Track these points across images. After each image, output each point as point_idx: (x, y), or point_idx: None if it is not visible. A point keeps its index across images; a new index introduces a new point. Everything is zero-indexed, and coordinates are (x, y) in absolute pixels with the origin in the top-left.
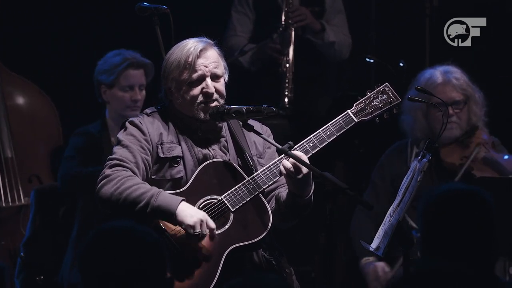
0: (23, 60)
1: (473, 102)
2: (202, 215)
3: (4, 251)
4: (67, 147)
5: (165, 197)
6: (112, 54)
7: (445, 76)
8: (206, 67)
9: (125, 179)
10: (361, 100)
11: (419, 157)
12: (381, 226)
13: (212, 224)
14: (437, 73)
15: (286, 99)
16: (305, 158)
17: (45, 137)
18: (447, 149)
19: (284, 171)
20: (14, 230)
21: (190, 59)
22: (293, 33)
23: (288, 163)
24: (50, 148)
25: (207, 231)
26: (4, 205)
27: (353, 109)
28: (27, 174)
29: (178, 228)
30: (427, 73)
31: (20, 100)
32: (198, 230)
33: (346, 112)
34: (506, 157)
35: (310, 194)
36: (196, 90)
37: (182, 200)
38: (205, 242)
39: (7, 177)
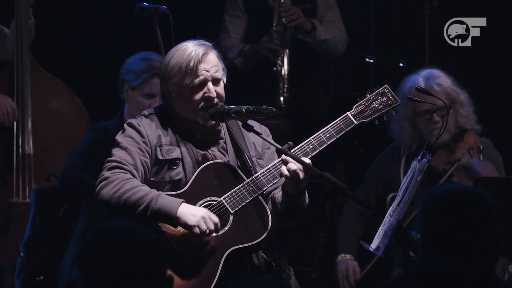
0: (59, 61)
1: (458, 105)
2: (204, 212)
3: (13, 247)
4: (81, 141)
5: (164, 200)
6: (140, 58)
7: (427, 83)
8: (208, 71)
9: (124, 181)
10: (361, 102)
11: (419, 157)
12: (380, 226)
13: (215, 218)
14: (420, 80)
15: (281, 98)
16: (305, 159)
17: (68, 139)
18: (435, 154)
19: (287, 173)
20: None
21: (191, 64)
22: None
23: (294, 165)
24: (73, 150)
25: (212, 227)
26: (20, 200)
27: (353, 111)
28: (46, 173)
29: (177, 229)
30: (409, 80)
31: (50, 100)
32: (203, 227)
33: (345, 114)
34: (481, 164)
35: (305, 194)
36: (198, 95)
37: (182, 202)
38: (205, 243)
39: (22, 173)
